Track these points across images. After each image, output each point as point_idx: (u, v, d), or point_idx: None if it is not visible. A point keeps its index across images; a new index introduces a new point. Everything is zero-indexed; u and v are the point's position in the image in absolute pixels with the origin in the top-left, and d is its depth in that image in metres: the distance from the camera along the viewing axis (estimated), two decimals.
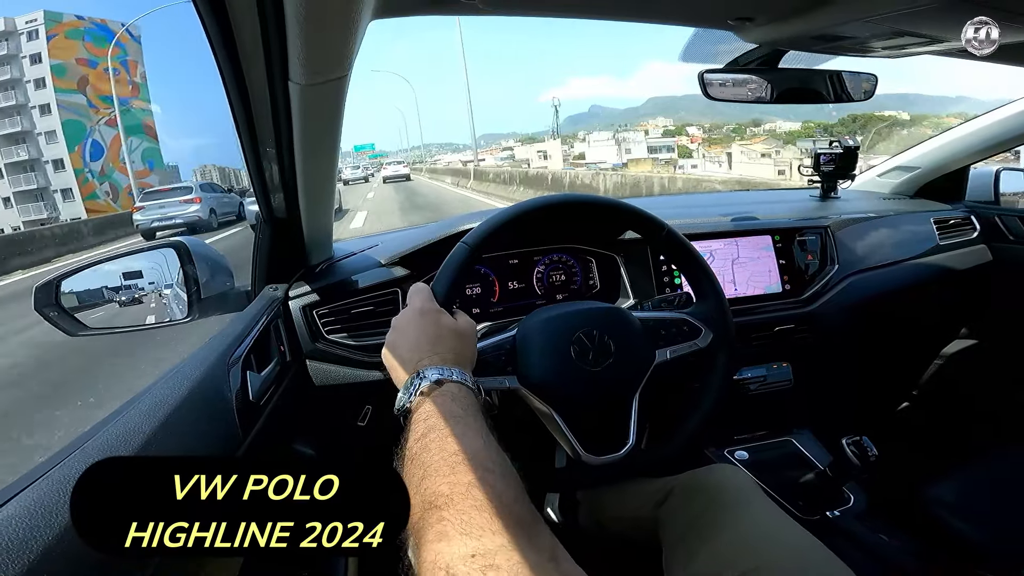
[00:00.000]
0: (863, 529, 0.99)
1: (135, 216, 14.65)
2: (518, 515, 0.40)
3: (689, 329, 0.86)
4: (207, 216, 14.50)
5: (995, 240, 1.53)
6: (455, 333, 0.64)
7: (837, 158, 1.55)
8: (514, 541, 0.38)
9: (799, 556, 0.70)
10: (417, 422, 0.51)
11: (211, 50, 0.60)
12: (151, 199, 14.99)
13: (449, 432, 0.47)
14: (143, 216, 14.30)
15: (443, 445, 0.46)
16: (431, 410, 0.51)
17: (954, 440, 1.58)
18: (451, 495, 0.40)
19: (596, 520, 1.07)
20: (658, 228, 0.87)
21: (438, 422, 0.49)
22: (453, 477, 0.42)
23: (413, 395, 0.55)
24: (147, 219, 14.17)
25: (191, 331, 0.95)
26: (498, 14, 0.76)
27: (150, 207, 14.48)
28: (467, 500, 0.40)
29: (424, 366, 0.57)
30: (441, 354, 0.59)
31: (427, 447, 0.46)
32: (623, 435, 0.79)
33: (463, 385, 0.56)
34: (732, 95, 0.96)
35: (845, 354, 1.40)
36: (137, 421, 0.51)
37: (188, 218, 14.11)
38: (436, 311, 0.65)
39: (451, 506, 0.40)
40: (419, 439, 0.48)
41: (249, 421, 0.70)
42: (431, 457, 0.45)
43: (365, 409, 1.08)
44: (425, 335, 0.62)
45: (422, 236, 1.11)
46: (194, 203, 14.29)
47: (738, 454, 1.19)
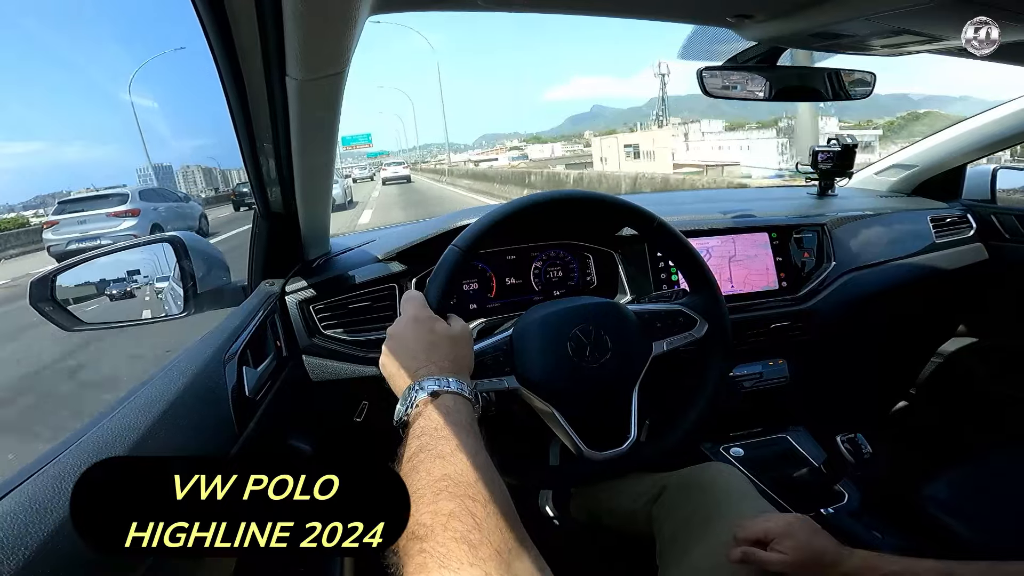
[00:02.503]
0: (857, 526, 1.00)
1: (46, 234, 10.88)
2: (499, 544, 0.40)
3: (684, 320, 0.87)
4: (147, 234, 9.44)
5: (991, 238, 1.54)
6: (451, 339, 0.64)
7: (835, 156, 1.55)
8: (492, 574, 0.38)
9: None
10: (412, 438, 0.51)
11: (208, 45, 0.59)
12: (69, 211, 10.85)
13: (438, 453, 0.47)
14: (56, 235, 10.52)
15: (431, 468, 0.46)
16: (425, 426, 0.51)
17: (949, 438, 1.59)
18: (432, 525, 0.40)
19: (590, 515, 1.08)
20: (649, 221, 0.87)
21: (429, 441, 0.49)
22: (435, 506, 0.42)
23: (410, 408, 0.55)
24: (61, 239, 10.35)
25: (187, 326, 0.95)
26: (497, 10, 0.75)
27: (67, 222, 10.60)
28: (447, 532, 0.40)
29: (421, 376, 0.57)
30: (438, 363, 0.59)
31: (415, 468, 0.47)
32: (624, 429, 0.79)
33: (459, 396, 0.56)
34: (731, 93, 0.96)
35: (841, 352, 1.41)
36: (133, 417, 0.51)
37: (120, 238, 9.66)
38: (430, 318, 0.65)
39: (431, 537, 0.40)
40: (410, 458, 0.48)
41: (245, 417, 0.70)
42: (419, 480, 0.45)
43: (362, 404, 1.08)
44: (420, 344, 0.61)
45: (419, 232, 1.10)
46: (129, 217, 10.55)
47: (733, 451, 1.19)
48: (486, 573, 0.38)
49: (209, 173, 59.21)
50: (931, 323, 1.71)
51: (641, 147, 47.82)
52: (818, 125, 9.30)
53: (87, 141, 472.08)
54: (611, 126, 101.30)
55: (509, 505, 0.45)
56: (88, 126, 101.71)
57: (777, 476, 1.10)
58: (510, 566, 0.39)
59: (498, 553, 0.39)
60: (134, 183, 37.96)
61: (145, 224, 10.61)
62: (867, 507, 1.04)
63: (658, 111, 66.49)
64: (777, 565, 0.69)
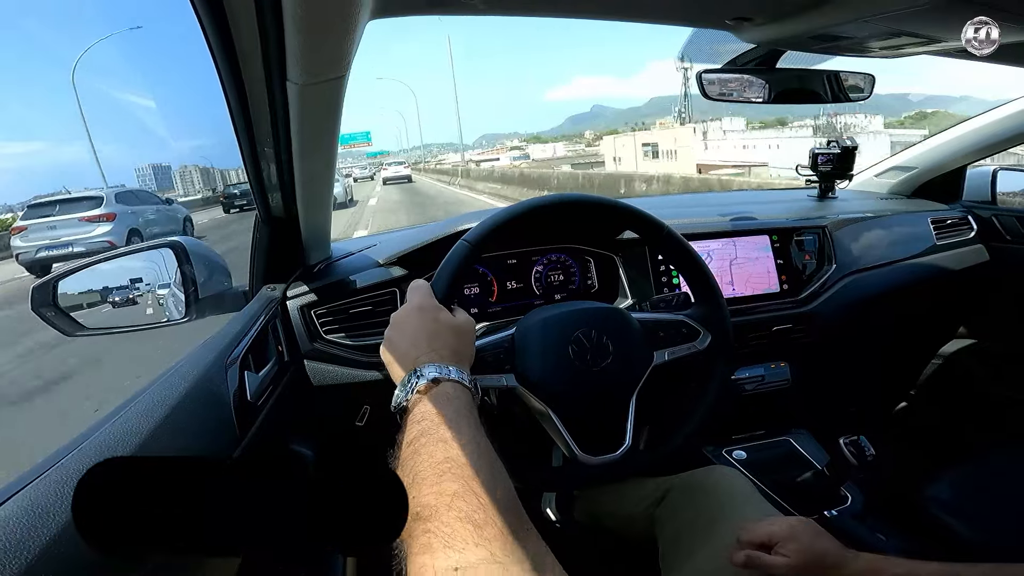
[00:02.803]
0: (861, 529, 0.99)
1: (14, 241, 9.92)
2: (503, 526, 0.40)
3: (688, 331, 0.86)
4: (123, 240, 9.55)
5: (992, 240, 1.54)
6: (454, 330, 0.63)
7: (835, 158, 1.55)
8: (497, 554, 0.38)
9: None
10: (411, 423, 0.51)
11: (208, 49, 0.59)
12: (38, 215, 9.91)
13: (439, 437, 0.47)
14: (25, 242, 9.65)
15: (432, 451, 0.46)
16: (425, 411, 0.51)
17: (952, 440, 1.58)
18: (436, 506, 0.40)
19: (593, 518, 1.07)
20: (658, 228, 0.87)
21: (430, 425, 0.49)
22: (439, 487, 0.42)
23: (410, 393, 0.54)
24: (30, 246, 9.55)
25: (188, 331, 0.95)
26: (497, 14, 0.76)
27: (35, 228, 9.71)
28: (451, 512, 0.40)
29: (422, 363, 0.57)
30: (439, 351, 0.59)
31: (417, 451, 0.46)
32: (620, 436, 0.79)
33: (460, 384, 0.56)
34: (730, 95, 0.96)
35: (843, 354, 1.40)
36: (135, 421, 0.51)
37: (94, 244, 9.29)
38: (435, 307, 0.65)
39: (436, 518, 0.40)
40: (411, 443, 0.48)
41: (247, 421, 0.70)
42: (420, 463, 0.45)
43: (363, 409, 1.08)
44: (423, 331, 0.61)
45: (420, 236, 1.11)
46: (104, 221, 9.70)
47: (736, 454, 1.19)
48: (491, 553, 0.38)
49: (207, 173, 59.11)
50: (932, 324, 1.70)
51: (661, 146, 42.87)
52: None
53: (86, 141, 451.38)
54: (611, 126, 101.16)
55: (511, 489, 0.45)
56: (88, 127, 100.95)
57: (780, 479, 1.09)
58: (514, 546, 0.39)
59: (502, 533, 0.39)
60: (134, 183, 36.45)
61: (122, 229, 9.80)
62: (871, 509, 1.04)
63: (680, 107, 61.24)
64: (780, 569, 0.68)
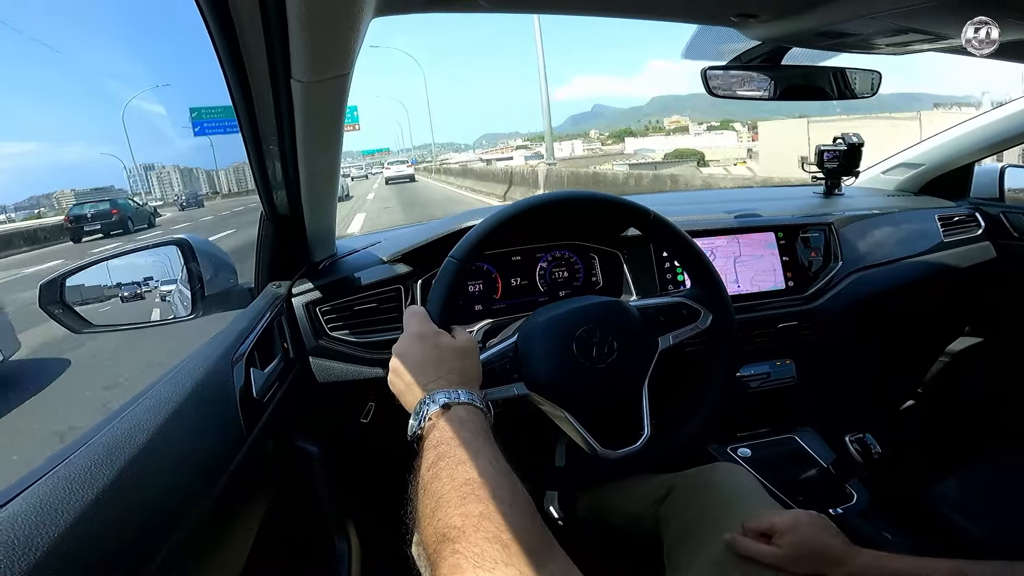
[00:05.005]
0: (866, 526, 0.99)
1: None
2: (528, 544, 0.41)
3: (688, 312, 0.87)
4: None
5: (1000, 237, 1.52)
6: (456, 352, 0.64)
7: (841, 155, 1.54)
8: (526, 572, 0.38)
9: None
10: (428, 449, 0.51)
11: (213, 47, 0.60)
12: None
13: (459, 460, 0.48)
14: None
15: (453, 474, 0.46)
16: (441, 436, 0.52)
17: (958, 438, 1.57)
18: (463, 527, 0.41)
19: (597, 515, 1.07)
20: (644, 215, 0.87)
21: (448, 449, 0.50)
22: (464, 508, 0.42)
23: (422, 421, 0.55)
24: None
25: (195, 328, 0.96)
26: (499, 11, 0.75)
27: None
28: (479, 532, 0.40)
29: (431, 391, 0.57)
30: (446, 376, 0.60)
31: (438, 475, 0.47)
32: (638, 427, 0.79)
33: (471, 406, 0.56)
34: (735, 92, 0.96)
35: (849, 351, 1.40)
36: (141, 418, 0.51)
37: None
38: (435, 333, 0.65)
39: (463, 538, 0.40)
40: (430, 467, 0.49)
41: (253, 418, 0.71)
42: (442, 487, 0.45)
43: (368, 406, 1.08)
44: (427, 359, 0.62)
45: (424, 233, 1.11)
46: None
47: (741, 451, 1.19)
48: (520, 572, 0.38)
49: (191, 173, 58.71)
50: (939, 322, 1.69)
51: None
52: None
53: (86, 141, 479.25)
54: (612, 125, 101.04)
55: (532, 505, 0.46)
56: (87, 126, 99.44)
57: (785, 477, 1.09)
58: (541, 565, 0.40)
59: (530, 552, 0.40)
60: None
61: None
62: (876, 507, 1.03)
63: None
64: (768, 558, 0.68)
